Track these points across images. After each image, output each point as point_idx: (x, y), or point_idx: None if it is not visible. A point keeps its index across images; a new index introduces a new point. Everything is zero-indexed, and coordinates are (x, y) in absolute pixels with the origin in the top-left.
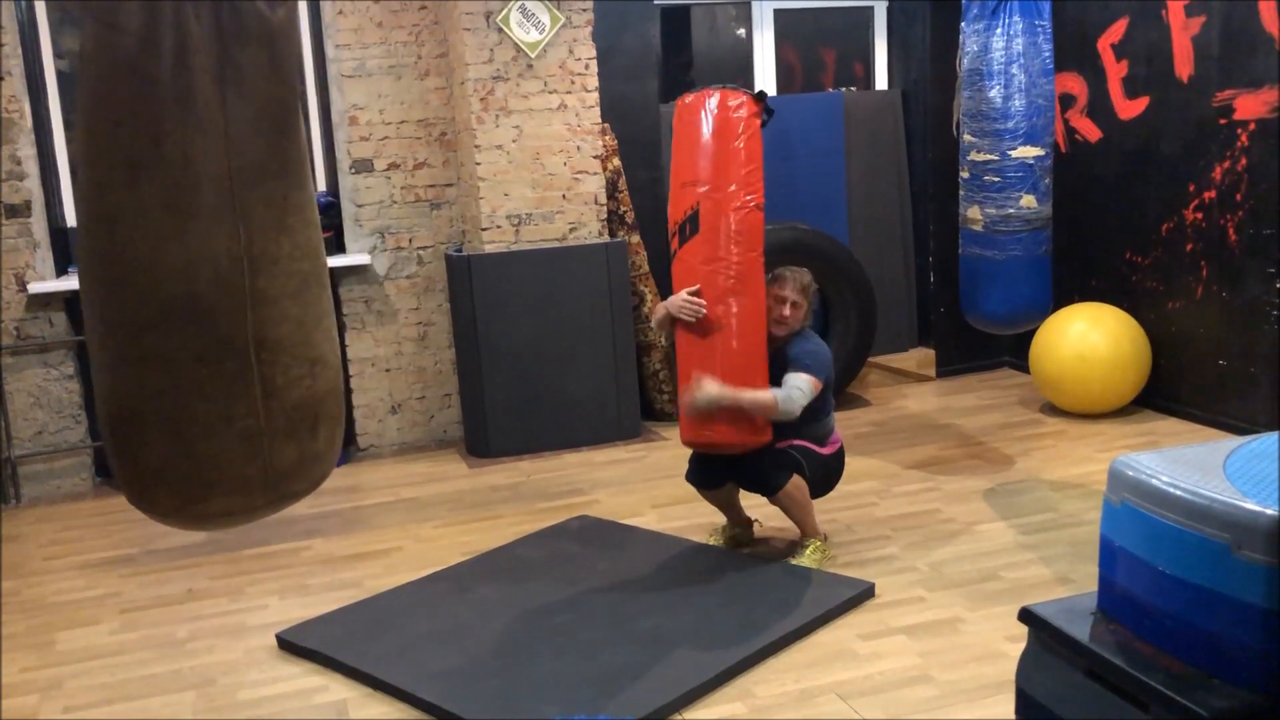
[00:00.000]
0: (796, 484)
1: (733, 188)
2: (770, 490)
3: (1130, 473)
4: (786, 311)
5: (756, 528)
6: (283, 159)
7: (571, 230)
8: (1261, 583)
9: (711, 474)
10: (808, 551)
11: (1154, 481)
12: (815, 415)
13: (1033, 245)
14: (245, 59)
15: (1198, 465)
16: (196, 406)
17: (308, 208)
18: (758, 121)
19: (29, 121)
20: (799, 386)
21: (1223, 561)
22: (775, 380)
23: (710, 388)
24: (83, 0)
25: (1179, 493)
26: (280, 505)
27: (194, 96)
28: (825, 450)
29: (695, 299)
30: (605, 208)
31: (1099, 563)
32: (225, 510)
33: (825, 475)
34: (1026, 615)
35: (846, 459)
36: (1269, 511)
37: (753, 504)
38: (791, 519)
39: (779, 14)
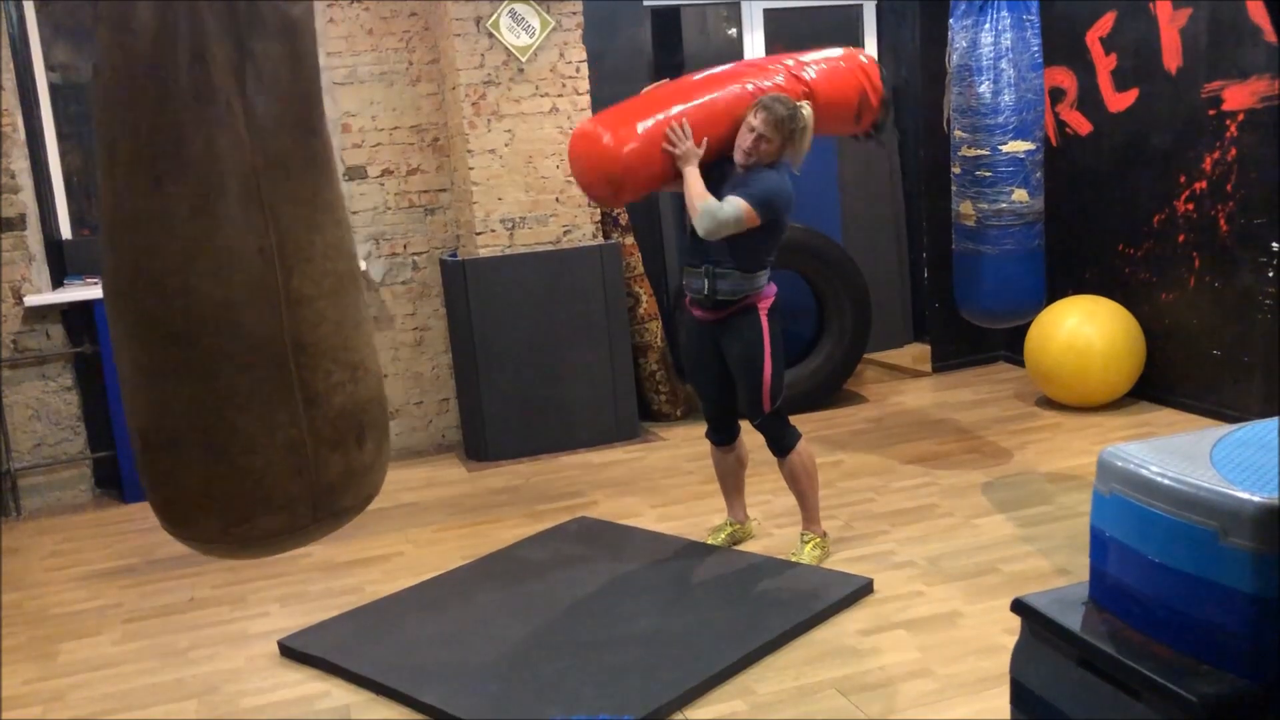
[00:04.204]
0: (808, 453)
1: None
2: (783, 449)
3: (1119, 463)
4: (748, 144)
5: (754, 526)
6: (309, 154)
7: (566, 233)
8: (1249, 570)
9: (723, 428)
10: (807, 548)
11: (1142, 471)
12: (752, 254)
13: (1025, 239)
14: (264, 53)
15: (1185, 454)
16: (235, 418)
17: (338, 206)
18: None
19: (22, 134)
20: (725, 207)
21: (1210, 549)
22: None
23: (691, 156)
24: (94, 2)
25: (1167, 482)
26: (328, 525)
27: (214, 94)
28: (767, 365)
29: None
30: (599, 210)
31: (1090, 553)
32: (271, 531)
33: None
34: (1019, 606)
35: (844, 455)
36: (1255, 499)
37: (752, 502)
38: (797, 492)
39: (769, 14)
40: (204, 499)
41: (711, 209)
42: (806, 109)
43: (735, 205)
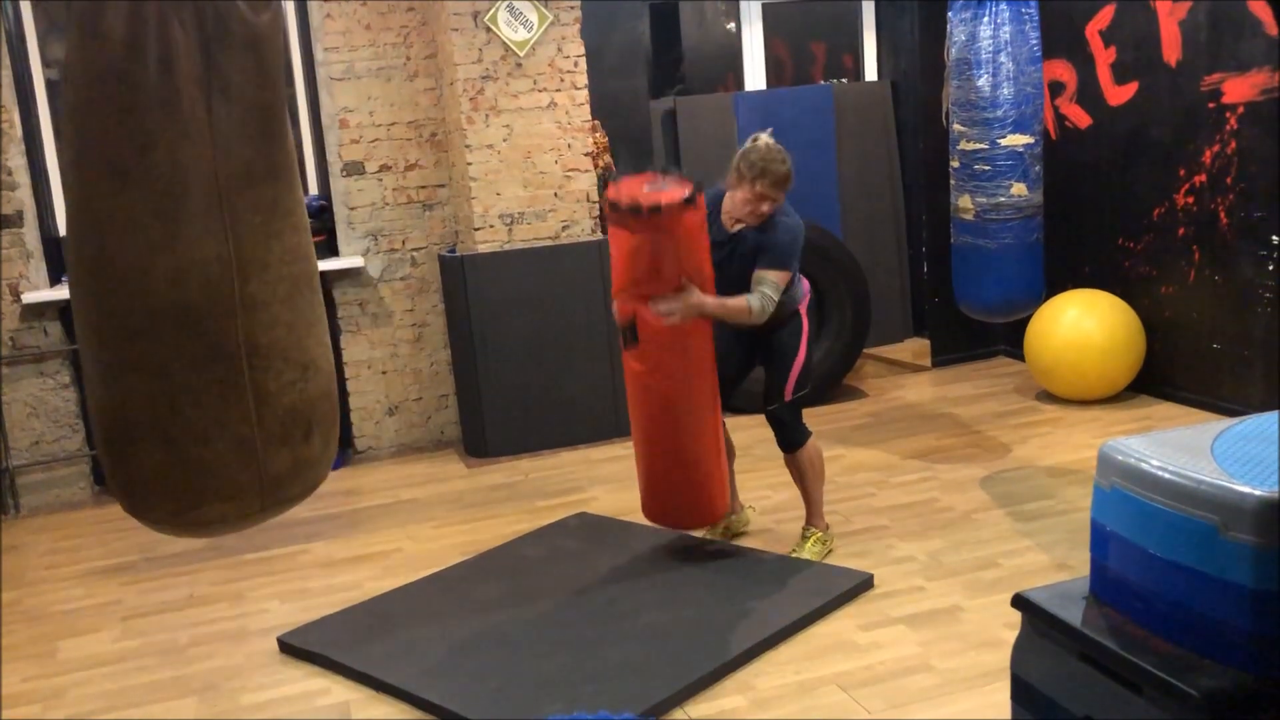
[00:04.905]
0: (816, 450)
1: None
2: (791, 444)
3: (1119, 457)
4: (764, 209)
5: (750, 514)
6: (271, 163)
7: (564, 228)
8: (1249, 563)
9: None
10: (808, 544)
11: (1143, 465)
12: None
13: (1024, 233)
14: (230, 64)
15: (1186, 448)
16: (189, 414)
17: (297, 212)
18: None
19: (19, 131)
20: (768, 292)
21: (1211, 543)
22: (745, 264)
23: (692, 298)
24: (68, 4)
25: (1167, 475)
26: (275, 511)
27: (180, 102)
28: (800, 354)
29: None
30: (597, 205)
31: (1090, 547)
32: (219, 517)
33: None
34: (1020, 601)
35: (844, 450)
36: (1256, 492)
37: (751, 498)
38: (802, 488)
39: (767, 8)
40: (158, 486)
41: (758, 307)
42: (780, 152)
43: (772, 283)
